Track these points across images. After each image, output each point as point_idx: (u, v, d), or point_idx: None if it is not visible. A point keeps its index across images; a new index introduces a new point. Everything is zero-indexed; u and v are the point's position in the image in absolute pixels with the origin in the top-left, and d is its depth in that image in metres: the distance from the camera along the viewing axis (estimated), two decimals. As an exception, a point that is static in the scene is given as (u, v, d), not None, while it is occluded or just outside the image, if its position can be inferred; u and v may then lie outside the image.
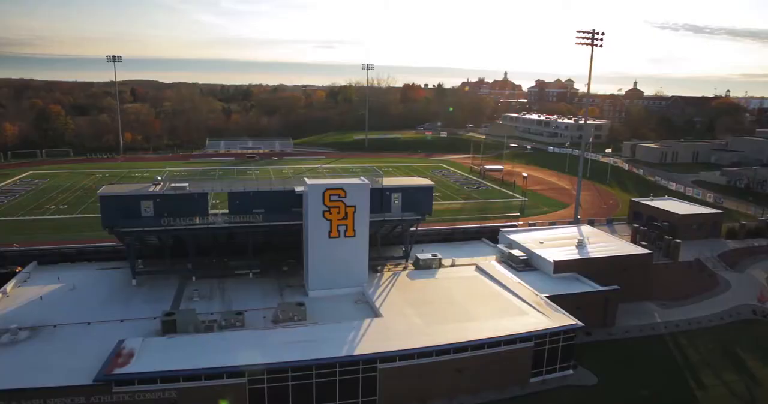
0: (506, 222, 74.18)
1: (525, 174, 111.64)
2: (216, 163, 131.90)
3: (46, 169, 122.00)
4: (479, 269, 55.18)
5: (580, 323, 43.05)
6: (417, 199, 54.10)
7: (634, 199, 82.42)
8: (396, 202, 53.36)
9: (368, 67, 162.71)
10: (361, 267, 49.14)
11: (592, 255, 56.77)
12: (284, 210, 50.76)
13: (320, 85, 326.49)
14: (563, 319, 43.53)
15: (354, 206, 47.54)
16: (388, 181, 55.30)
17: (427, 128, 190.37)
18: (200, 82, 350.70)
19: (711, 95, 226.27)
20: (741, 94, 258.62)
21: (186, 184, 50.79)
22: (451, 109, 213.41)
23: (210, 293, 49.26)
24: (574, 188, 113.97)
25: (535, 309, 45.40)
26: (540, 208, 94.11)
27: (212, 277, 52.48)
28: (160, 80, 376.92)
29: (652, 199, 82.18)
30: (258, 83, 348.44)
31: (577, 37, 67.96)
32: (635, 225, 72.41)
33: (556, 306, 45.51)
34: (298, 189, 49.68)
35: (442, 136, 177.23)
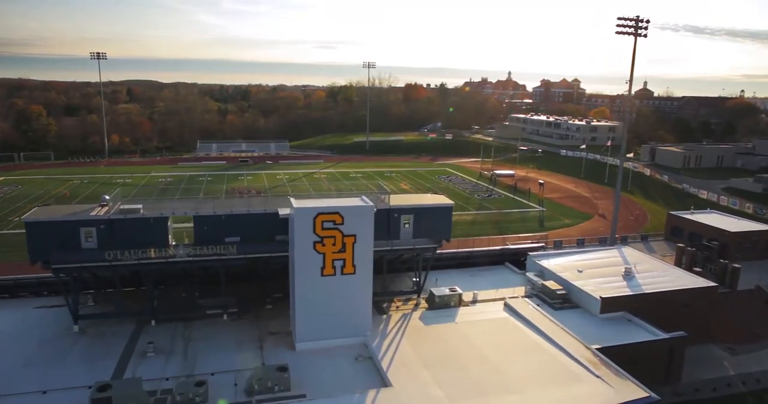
0: (530, 241, 62.85)
1: (541, 181, 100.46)
2: (205, 168, 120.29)
3: (21, 174, 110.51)
4: (508, 308, 43.83)
5: (654, 395, 31.67)
6: (432, 223, 42.62)
7: (672, 213, 70.91)
8: (406, 226, 41.91)
9: (369, 65, 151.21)
10: (363, 312, 37.72)
11: (646, 289, 45.35)
12: (266, 239, 39.34)
13: (320, 85, 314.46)
14: (631, 389, 32.17)
15: (354, 235, 36.13)
16: (397, 200, 43.75)
17: (431, 130, 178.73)
18: (200, 83, 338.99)
19: (716, 95, 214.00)
20: (746, 95, 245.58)
21: (139, 206, 39.23)
22: (451, 109, 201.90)
23: (170, 345, 37.84)
24: (594, 196, 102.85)
25: (590, 371, 34.06)
26: (560, 220, 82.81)
27: (177, 319, 41.17)
28: (161, 80, 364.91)
29: (693, 213, 70.82)
30: (258, 83, 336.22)
31: (618, 26, 56.55)
32: (680, 245, 60.91)
33: (618, 368, 34.19)
34: (283, 212, 38.22)
35: (447, 138, 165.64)
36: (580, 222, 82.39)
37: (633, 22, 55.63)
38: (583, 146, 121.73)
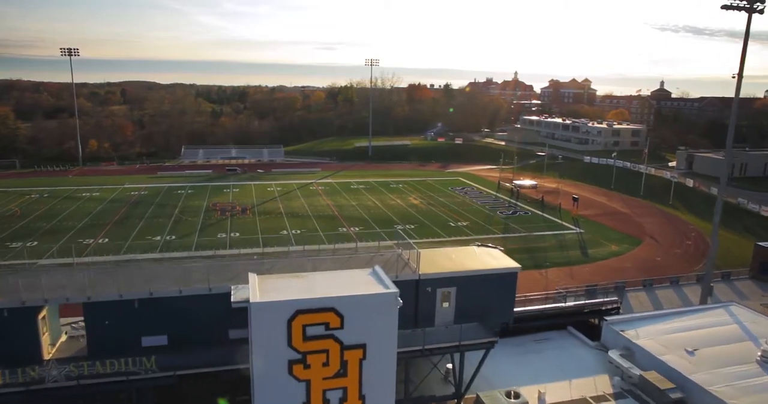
0: (586, 286, 46.08)
1: (575, 195, 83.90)
2: (187, 179, 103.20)
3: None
4: (603, 428, 27.23)
5: None
6: (487, 299, 25.91)
7: (761, 244, 54.38)
8: (446, 305, 25.24)
9: (372, 62, 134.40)
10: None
11: (809, 392, 28.73)
12: (212, 337, 22.65)
13: (320, 86, 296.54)
14: None
15: (362, 346, 19.43)
16: (429, 260, 26.81)
17: (438, 133, 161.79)
18: (198, 84, 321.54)
19: (721, 96, 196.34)
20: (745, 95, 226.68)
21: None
22: (451, 109, 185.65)
23: None
24: (634, 212, 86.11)
25: None
26: (606, 246, 66.26)
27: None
28: (160, 82, 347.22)
29: (785, 243, 54.28)
30: (257, 84, 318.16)
31: (724, -3, 39.93)
32: (792, 293, 44.39)
33: None
34: (238, 296, 21.38)
35: (456, 142, 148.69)
36: (630, 248, 65.85)
37: (746, -7, 38.93)
38: (614, 154, 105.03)
